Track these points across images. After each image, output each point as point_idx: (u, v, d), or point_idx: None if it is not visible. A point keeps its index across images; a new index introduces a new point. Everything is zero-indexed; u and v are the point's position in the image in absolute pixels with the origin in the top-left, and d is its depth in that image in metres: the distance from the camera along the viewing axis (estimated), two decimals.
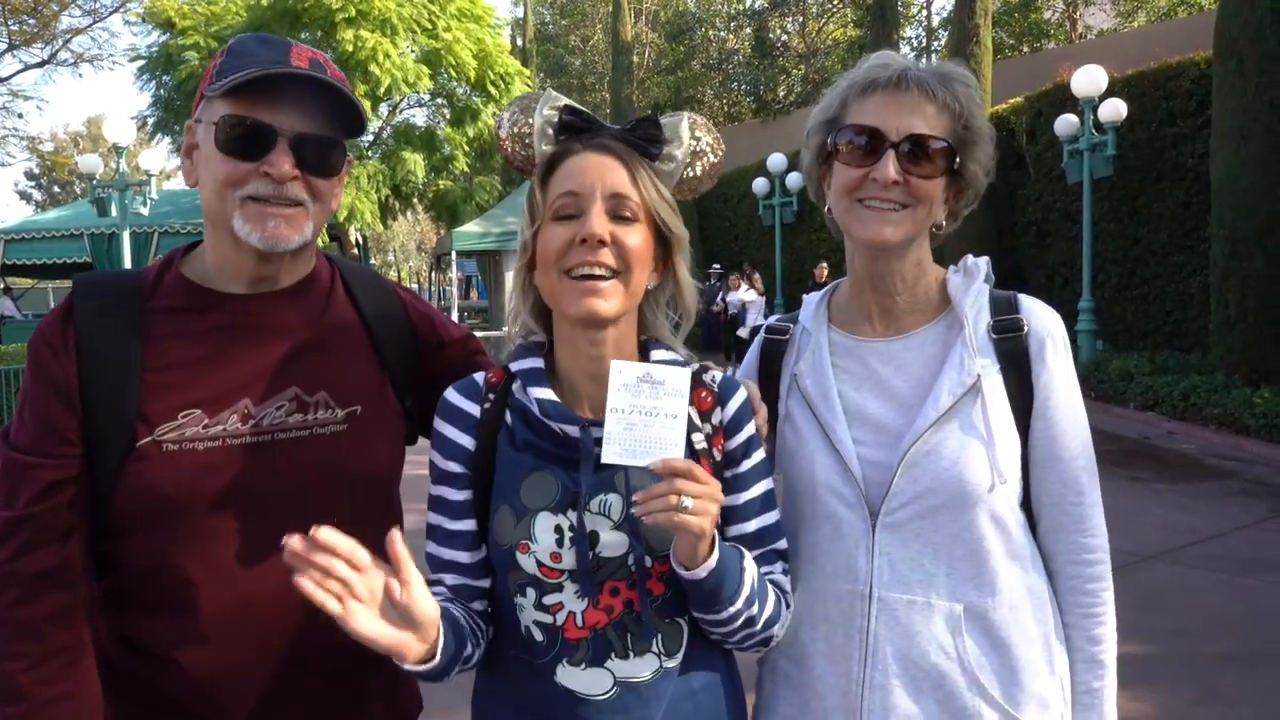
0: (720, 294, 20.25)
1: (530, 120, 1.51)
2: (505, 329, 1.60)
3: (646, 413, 1.32)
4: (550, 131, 1.50)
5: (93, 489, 1.49)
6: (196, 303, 1.56)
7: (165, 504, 1.48)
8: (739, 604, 1.42)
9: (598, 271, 1.42)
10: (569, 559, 1.42)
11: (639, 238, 1.45)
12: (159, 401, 1.49)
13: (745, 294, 19.00)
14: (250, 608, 1.50)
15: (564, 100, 1.51)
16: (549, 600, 1.44)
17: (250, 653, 1.51)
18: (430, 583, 1.51)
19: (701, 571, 1.36)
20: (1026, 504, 1.61)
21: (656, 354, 1.53)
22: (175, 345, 1.53)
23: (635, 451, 1.32)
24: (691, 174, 1.55)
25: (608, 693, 1.44)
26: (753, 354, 1.80)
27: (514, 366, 1.52)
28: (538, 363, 1.52)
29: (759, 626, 1.48)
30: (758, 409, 1.58)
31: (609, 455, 1.32)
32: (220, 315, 1.56)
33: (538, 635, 1.45)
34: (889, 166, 1.52)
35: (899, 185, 1.53)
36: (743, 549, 1.48)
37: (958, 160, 1.57)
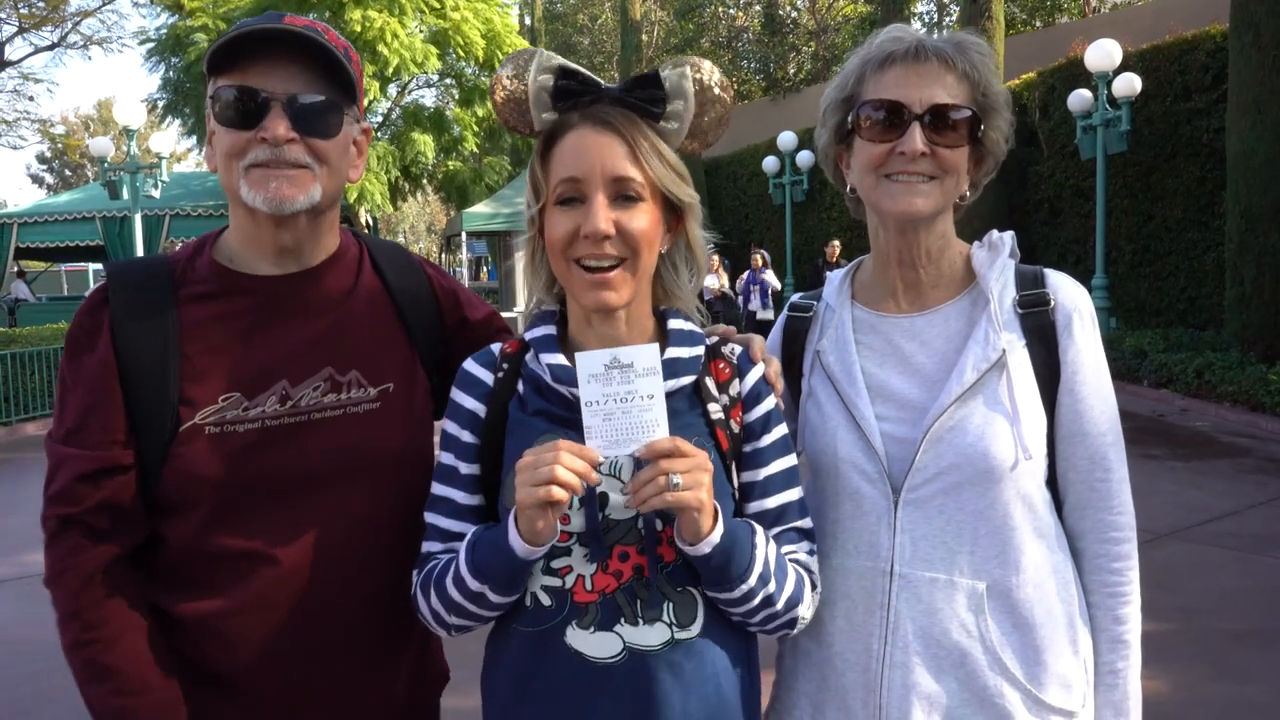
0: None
1: (524, 85, 1.46)
2: (519, 309, 1.60)
3: (621, 399, 1.31)
4: (546, 97, 1.45)
5: (141, 472, 1.53)
6: (228, 286, 1.59)
7: (208, 485, 1.51)
8: (752, 581, 1.40)
9: (605, 263, 1.41)
10: (578, 521, 1.40)
11: (645, 219, 1.42)
12: (199, 386, 1.53)
13: (769, 276, 18.05)
14: (289, 583, 1.54)
15: (557, 61, 1.45)
16: (557, 564, 1.43)
17: (288, 627, 1.54)
18: (438, 552, 1.53)
19: (705, 547, 1.35)
20: (1052, 481, 1.60)
21: (674, 323, 1.52)
22: (211, 330, 1.56)
23: (618, 441, 1.31)
24: (699, 124, 1.51)
25: (616, 656, 1.41)
26: (776, 331, 1.80)
27: (527, 335, 1.52)
28: (550, 330, 1.52)
29: (780, 606, 1.45)
30: (774, 382, 1.57)
31: (594, 450, 1.31)
32: (252, 298, 1.59)
33: (545, 600, 1.44)
34: (915, 139, 1.50)
35: (926, 157, 1.51)
36: (755, 525, 1.46)
37: (981, 128, 1.55)
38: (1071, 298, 1.59)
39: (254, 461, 1.53)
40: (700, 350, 1.51)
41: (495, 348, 1.57)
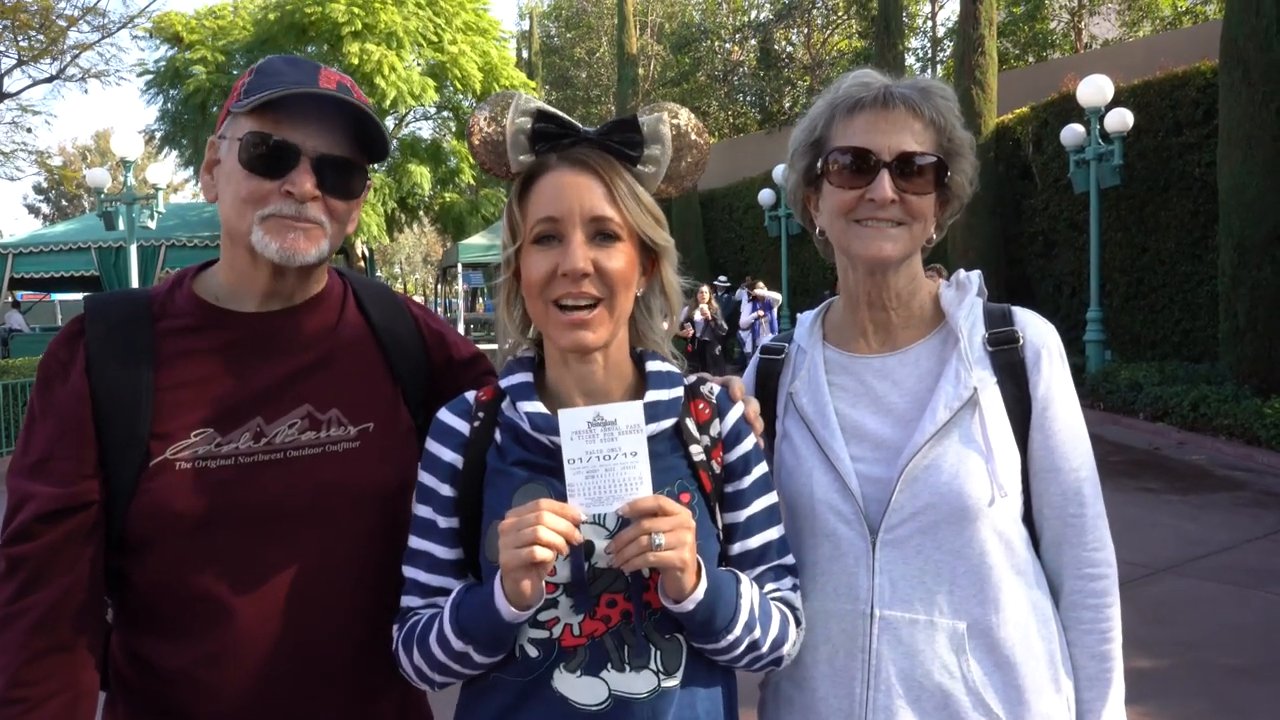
0: (688, 311, 15.81)
1: (501, 128, 1.46)
2: (498, 345, 1.58)
3: (605, 456, 1.30)
4: (524, 140, 1.45)
5: (108, 507, 1.50)
6: (208, 321, 1.58)
7: (178, 521, 1.48)
8: (737, 630, 1.40)
9: (583, 303, 1.40)
10: (563, 571, 1.38)
11: (622, 259, 1.42)
12: (172, 420, 1.51)
13: (772, 295, 17.06)
14: (265, 628, 1.50)
15: (535, 104, 1.44)
16: (544, 616, 1.40)
17: (265, 674, 1.51)
18: (419, 607, 1.50)
19: (689, 604, 1.34)
20: (1029, 518, 1.59)
21: (652, 365, 1.51)
22: (187, 364, 1.54)
23: (601, 498, 1.30)
24: (676, 168, 1.50)
25: (602, 704, 1.39)
26: (749, 374, 1.80)
27: (503, 383, 1.50)
28: (526, 377, 1.49)
29: (765, 649, 1.45)
30: (754, 422, 1.56)
31: (576, 509, 1.30)
32: (231, 333, 1.58)
33: (532, 652, 1.41)
34: (885, 186, 1.52)
35: (895, 203, 1.53)
36: (739, 573, 1.46)
37: (947, 174, 1.57)
38: (1040, 334, 1.60)
39: (227, 498, 1.50)
40: (679, 392, 1.49)
41: (470, 396, 1.55)
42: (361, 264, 24.94)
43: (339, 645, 1.56)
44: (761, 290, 17.22)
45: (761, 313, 17.00)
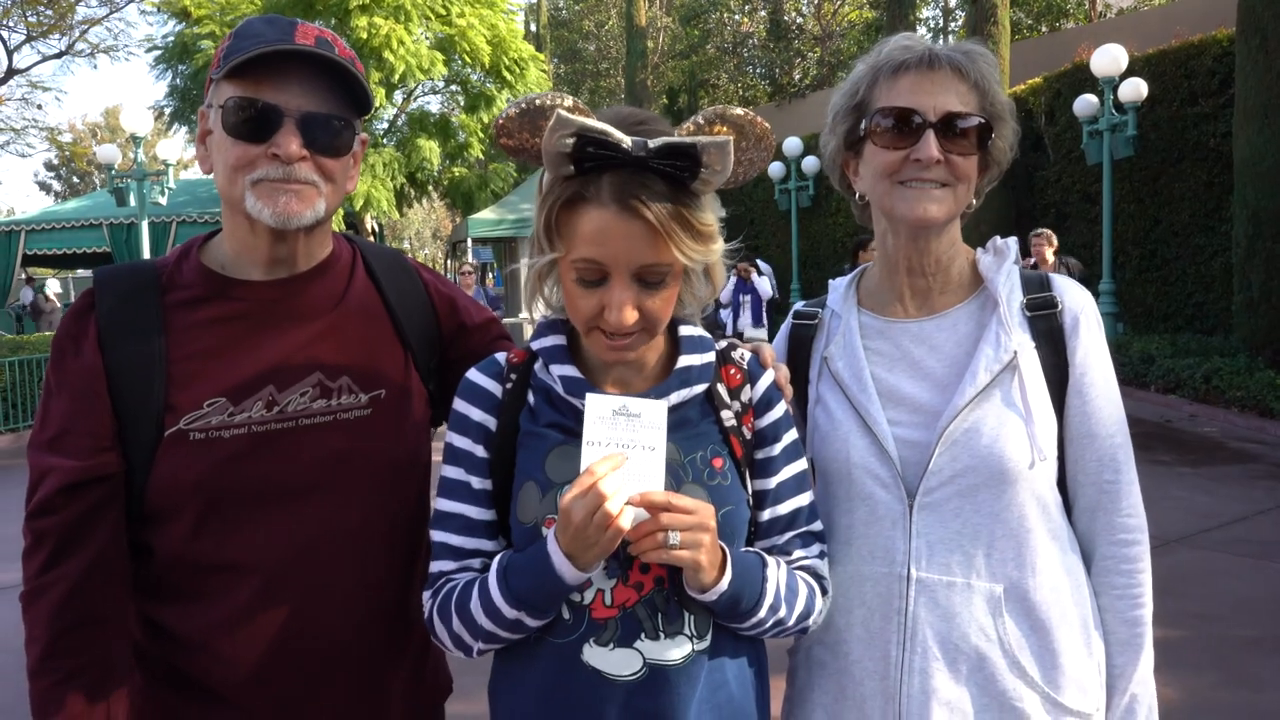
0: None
1: (535, 139, 1.37)
2: (522, 314, 1.56)
3: (623, 445, 1.30)
4: (564, 158, 1.32)
5: (126, 479, 1.51)
6: (217, 291, 1.57)
7: (193, 492, 1.49)
8: (762, 613, 1.41)
9: (625, 338, 1.38)
10: None
11: (670, 293, 1.39)
12: (184, 391, 1.51)
13: (762, 283, 15.01)
14: (278, 595, 1.51)
15: (576, 123, 1.27)
16: None
17: (279, 640, 1.52)
18: (452, 571, 1.49)
19: (713, 595, 1.35)
20: (1062, 484, 1.60)
21: (684, 330, 1.51)
22: (198, 335, 1.54)
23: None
24: (736, 175, 1.42)
25: (637, 673, 1.39)
26: (781, 338, 1.80)
27: (535, 345, 1.49)
28: (560, 340, 1.49)
29: (791, 624, 1.47)
30: (784, 388, 1.56)
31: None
32: (241, 303, 1.57)
33: (564, 614, 1.41)
34: (931, 146, 1.51)
35: (940, 164, 1.52)
36: (765, 556, 1.46)
37: (990, 136, 1.56)
38: (1077, 301, 1.60)
39: (241, 468, 1.50)
40: (711, 357, 1.49)
41: (500, 358, 1.53)
42: (372, 239, 24.88)
43: (353, 611, 1.56)
44: (753, 274, 14.90)
45: (744, 297, 14.88)
